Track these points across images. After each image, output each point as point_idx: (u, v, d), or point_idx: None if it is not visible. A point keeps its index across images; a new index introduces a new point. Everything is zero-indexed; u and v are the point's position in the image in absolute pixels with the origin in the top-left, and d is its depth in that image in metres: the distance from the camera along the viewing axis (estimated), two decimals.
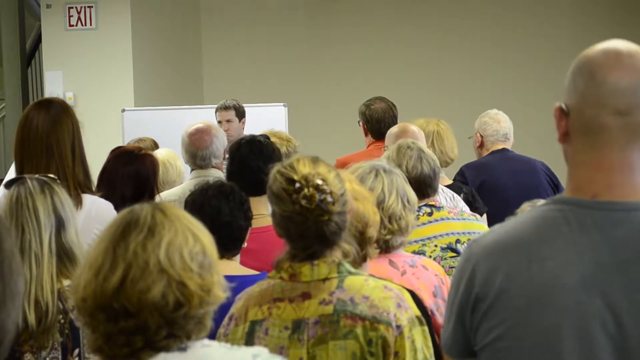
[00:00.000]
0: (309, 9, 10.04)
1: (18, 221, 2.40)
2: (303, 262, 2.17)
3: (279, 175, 2.20)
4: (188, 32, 9.77)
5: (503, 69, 9.68)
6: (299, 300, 2.14)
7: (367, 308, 2.12)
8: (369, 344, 2.10)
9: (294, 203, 2.14)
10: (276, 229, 2.24)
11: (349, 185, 2.48)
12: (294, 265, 2.18)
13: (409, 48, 9.78)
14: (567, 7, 9.71)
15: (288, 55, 9.92)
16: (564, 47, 9.63)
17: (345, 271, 2.19)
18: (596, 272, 1.61)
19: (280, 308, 2.15)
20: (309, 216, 2.14)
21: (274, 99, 7.72)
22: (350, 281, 2.17)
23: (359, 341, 2.09)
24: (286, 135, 5.37)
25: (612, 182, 1.65)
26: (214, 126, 4.81)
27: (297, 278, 2.16)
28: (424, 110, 8.55)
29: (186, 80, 9.57)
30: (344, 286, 2.15)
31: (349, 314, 2.11)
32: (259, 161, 3.57)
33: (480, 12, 9.76)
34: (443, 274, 2.83)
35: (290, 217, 2.15)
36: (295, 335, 2.11)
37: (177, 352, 1.62)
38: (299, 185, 2.14)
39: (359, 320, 2.11)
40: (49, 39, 8.16)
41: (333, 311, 2.11)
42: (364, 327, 2.11)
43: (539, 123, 9.51)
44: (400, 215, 2.77)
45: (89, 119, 7.99)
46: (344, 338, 2.09)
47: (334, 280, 2.15)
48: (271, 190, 2.21)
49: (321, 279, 2.15)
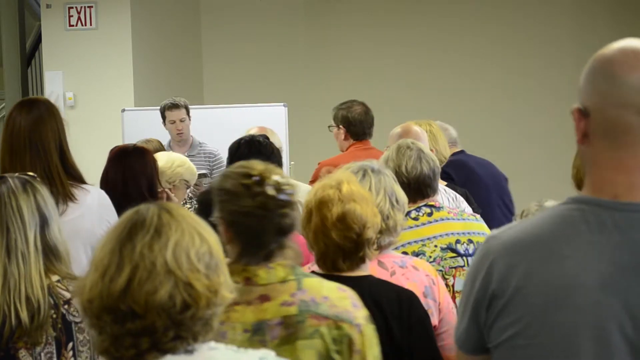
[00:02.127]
0: (309, 9, 10.04)
1: (2, 220, 2.40)
2: (258, 266, 2.19)
3: (232, 174, 2.23)
4: (188, 32, 9.77)
5: (503, 69, 9.68)
6: (257, 303, 2.16)
7: (329, 308, 2.17)
8: (334, 342, 2.15)
9: (254, 196, 2.17)
10: (226, 233, 2.21)
11: (348, 187, 2.49)
12: (249, 269, 2.18)
13: (409, 48, 9.78)
14: (568, 7, 9.71)
15: (288, 55, 9.92)
16: (564, 47, 9.63)
17: (300, 273, 2.23)
18: (615, 273, 1.59)
19: (238, 312, 2.15)
20: (270, 209, 2.17)
21: (274, 99, 7.72)
22: (308, 283, 2.21)
23: (324, 340, 2.14)
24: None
25: (634, 183, 1.63)
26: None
27: (253, 281, 2.18)
28: (423, 111, 8.55)
29: (186, 80, 9.57)
30: (303, 287, 2.19)
31: (313, 314, 2.15)
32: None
33: (480, 12, 9.76)
34: (435, 274, 2.82)
35: (250, 212, 2.17)
36: (255, 337, 2.13)
37: (184, 354, 1.60)
38: (258, 178, 2.18)
39: (323, 320, 2.15)
40: (49, 39, 8.17)
41: (298, 312, 2.15)
42: (328, 326, 2.16)
43: (538, 123, 9.52)
44: (388, 215, 2.76)
45: (89, 119, 8.03)
46: (311, 337, 2.13)
47: (293, 283, 2.19)
48: (223, 188, 2.22)
49: (279, 281, 2.18)
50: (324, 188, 2.50)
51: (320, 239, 2.46)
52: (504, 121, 9.59)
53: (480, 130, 9.66)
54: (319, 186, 2.54)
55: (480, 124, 9.62)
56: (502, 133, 9.61)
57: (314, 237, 2.48)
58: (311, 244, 2.51)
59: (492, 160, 5.62)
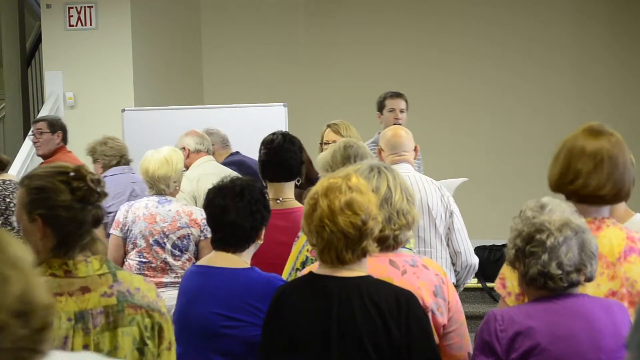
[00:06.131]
0: (308, 9, 10.04)
1: None
2: (77, 259, 2.35)
3: (43, 173, 2.38)
4: (188, 32, 9.77)
5: (503, 69, 9.68)
6: (79, 294, 2.33)
7: (141, 298, 2.40)
8: (146, 329, 2.38)
9: (74, 191, 2.33)
10: (42, 229, 2.34)
11: (356, 179, 2.52)
12: (68, 262, 2.34)
13: (408, 48, 9.79)
14: (568, 8, 9.71)
15: (288, 55, 9.93)
16: (563, 48, 9.64)
17: (112, 266, 2.42)
18: None
19: (62, 302, 2.30)
20: (90, 202, 2.35)
21: (274, 99, 7.72)
22: (121, 275, 2.42)
23: (139, 327, 2.37)
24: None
25: None
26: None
27: (73, 274, 2.34)
28: (423, 111, 8.57)
29: (186, 80, 9.58)
30: (119, 280, 2.39)
31: (129, 303, 2.37)
32: (291, 151, 4.06)
33: (480, 13, 9.76)
34: (443, 273, 2.84)
35: (70, 206, 2.33)
36: (79, 325, 2.30)
37: None
38: (75, 174, 2.35)
39: (138, 309, 2.38)
40: (49, 39, 8.17)
41: (117, 302, 2.35)
42: (142, 314, 2.38)
43: (537, 123, 9.53)
44: (406, 210, 2.80)
45: (89, 119, 8.04)
46: (129, 325, 2.36)
47: (109, 275, 2.38)
48: (37, 187, 2.36)
49: (96, 274, 2.37)
50: (332, 178, 2.55)
51: (326, 225, 2.48)
52: (503, 121, 9.59)
53: (480, 130, 9.67)
54: (325, 179, 2.58)
55: (480, 124, 9.63)
56: (502, 133, 9.61)
57: (319, 226, 2.49)
58: (314, 235, 2.52)
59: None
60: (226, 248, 3.24)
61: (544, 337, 2.46)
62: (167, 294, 4.48)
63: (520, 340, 2.46)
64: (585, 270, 2.51)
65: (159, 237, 4.66)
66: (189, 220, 4.67)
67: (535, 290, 2.54)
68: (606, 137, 2.82)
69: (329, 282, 2.52)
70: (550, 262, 2.48)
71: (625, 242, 2.77)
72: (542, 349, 2.45)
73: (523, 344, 2.45)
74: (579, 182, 2.77)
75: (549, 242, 2.48)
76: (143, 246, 4.67)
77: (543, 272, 2.48)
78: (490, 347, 2.48)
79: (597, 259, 2.54)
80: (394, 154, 4.53)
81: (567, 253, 2.48)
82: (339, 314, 2.48)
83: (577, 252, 2.50)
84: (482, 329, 2.53)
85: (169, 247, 4.66)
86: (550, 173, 2.88)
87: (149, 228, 4.66)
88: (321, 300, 2.51)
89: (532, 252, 2.49)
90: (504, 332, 2.48)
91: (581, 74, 9.64)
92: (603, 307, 2.54)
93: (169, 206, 4.71)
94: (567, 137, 2.88)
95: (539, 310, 2.50)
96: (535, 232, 2.50)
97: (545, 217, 2.51)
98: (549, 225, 2.49)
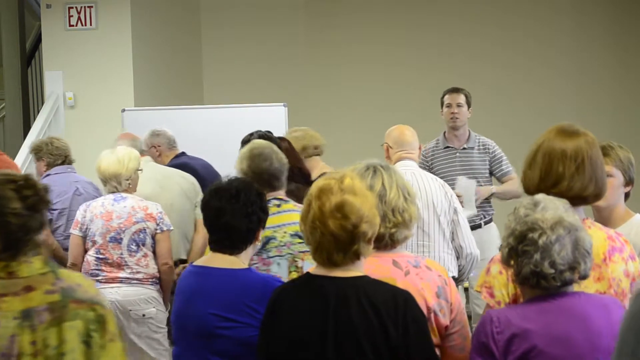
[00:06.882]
0: (308, 9, 10.05)
1: None
2: (19, 261, 2.42)
3: None
4: (188, 32, 9.77)
5: (503, 69, 9.68)
6: (23, 293, 2.40)
7: (84, 293, 2.47)
8: (90, 322, 2.45)
9: (25, 199, 2.41)
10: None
11: (350, 181, 2.52)
12: (11, 264, 2.41)
13: (408, 49, 9.79)
14: (567, 8, 9.71)
15: (288, 55, 9.93)
16: (564, 47, 9.64)
17: (53, 265, 2.49)
18: None
19: (7, 302, 2.38)
20: (38, 209, 2.44)
21: (274, 99, 7.72)
22: (62, 273, 2.49)
23: (84, 320, 2.43)
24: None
25: None
26: None
27: (16, 274, 2.41)
28: (423, 111, 8.56)
29: (186, 80, 9.58)
30: (60, 277, 2.47)
31: (72, 298, 2.44)
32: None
33: (480, 13, 9.76)
34: (446, 274, 2.84)
35: (19, 213, 2.41)
36: (25, 322, 2.37)
37: None
38: (23, 182, 2.43)
39: (81, 303, 2.44)
40: (49, 39, 8.17)
41: (61, 298, 2.42)
42: (85, 308, 2.45)
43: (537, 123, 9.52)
44: (403, 208, 2.80)
45: (89, 119, 8.04)
46: (74, 319, 2.42)
47: (50, 274, 2.46)
48: None
49: (39, 273, 2.44)
50: (327, 179, 2.55)
51: (317, 227, 2.49)
52: (503, 121, 9.58)
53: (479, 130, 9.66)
54: (321, 179, 2.58)
55: (480, 124, 9.62)
56: (502, 133, 9.61)
57: (311, 227, 2.50)
58: (308, 235, 2.53)
59: None
60: (222, 250, 3.25)
61: (541, 339, 2.45)
62: (122, 289, 4.83)
63: (517, 342, 2.46)
64: (579, 268, 2.50)
65: (115, 233, 4.90)
66: (144, 215, 4.94)
67: (530, 289, 2.54)
68: (582, 137, 2.82)
69: (325, 282, 2.52)
70: (542, 261, 2.47)
71: (607, 242, 2.77)
72: (539, 351, 2.44)
73: (520, 346, 2.45)
74: (563, 185, 2.76)
75: (541, 241, 2.47)
76: (101, 243, 4.90)
77: (535, 271, 2.48)
78: (488, 349, 2.48)
79: (591, 256, 2.53)
80: (401, 150, 4.82)
81: (560, 251, 2.47)
82: (335, 314, 2.48)
83: (570, 251, 2.49)
84: (478, 330, 2.53)
85: (125, 242, 4.89)
86: (526, 177, 2.87)
87: (106, 225, 4.91)
88: (318, 301, 2.51)
89: (524, 251, 2.49)
90: (501, 334, 2.48)
91: (581, 74, 9.64)
92: (599, 305, 2.53)
93: (124, 203, 4.97)
94: (539, 139, 2.88)
95: (534, 311, 2.50)
96: (527, 230, 2.49)
97: (538, 215, 2.50)
98: (541, 224, 2.48)
